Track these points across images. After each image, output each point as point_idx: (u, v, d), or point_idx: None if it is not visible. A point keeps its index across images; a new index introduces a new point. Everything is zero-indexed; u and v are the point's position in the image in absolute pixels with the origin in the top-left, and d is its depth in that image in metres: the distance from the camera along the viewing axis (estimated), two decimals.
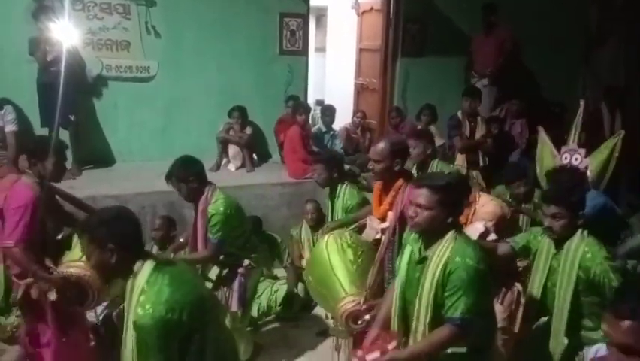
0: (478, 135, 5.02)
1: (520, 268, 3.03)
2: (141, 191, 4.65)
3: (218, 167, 5.46)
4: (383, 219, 2.92)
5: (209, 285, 3.31)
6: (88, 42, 5.26)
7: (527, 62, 6.74)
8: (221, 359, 2.04)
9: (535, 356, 2.71)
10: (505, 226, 3.09)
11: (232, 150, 5.62)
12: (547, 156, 4.23)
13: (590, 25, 7.29)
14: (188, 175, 3.18)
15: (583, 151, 3.99)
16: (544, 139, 4.34)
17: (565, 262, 2.56)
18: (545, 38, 6.81)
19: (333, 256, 2.88)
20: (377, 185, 3.04)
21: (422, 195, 2.16)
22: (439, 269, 2.12)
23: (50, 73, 4.74)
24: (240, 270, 3.31)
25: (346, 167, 5.80)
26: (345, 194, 3.62)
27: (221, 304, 3.20)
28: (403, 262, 2.33)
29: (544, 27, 6.75)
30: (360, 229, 3.21)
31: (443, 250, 2.14)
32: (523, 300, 2.91)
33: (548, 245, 2.67)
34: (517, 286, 2.97)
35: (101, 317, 3.66)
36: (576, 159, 3.98)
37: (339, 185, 3.67)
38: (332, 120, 6.13)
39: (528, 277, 2.83)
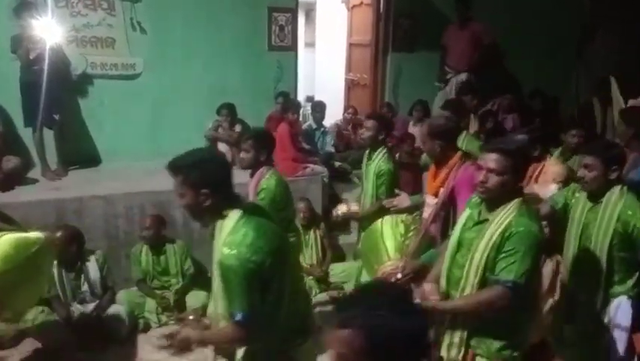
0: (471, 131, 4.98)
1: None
2: (129, 191, 4.55)
3: None
4: (436, 195, 3.03)
5: None
6: (72, 39, 5.14)
7: (521, 57, 6.69)
8: (296, 308, 2.11)
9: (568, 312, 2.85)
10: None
11: (221, 148, 5.52)
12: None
13: (584, 19, 7.28)
14: (265, 145, 3.40)
15: None
16: (615, 90, 4.64)
17: (603, 214, 2.64)
18: (540, 32, 6.79)
19: (385, 228, 3.08)
20: (432, 164, 3.19)
21: (494, 159, 2.15)
22: (497, 232, 2.12)
23: (33, 71, 4.62)
24: None
25: (337, 164, 5.78)
26: (381, 158, 3.69)
27: (299, 260, 3.30)
28: (459, 225, 2.34)
29: (539, 21, 6.74)
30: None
31: (506, 215, 2.13)
32: (562, 269, 2.99)
33: (584, 199, 2.75)
34: (558, 256, 3.05)
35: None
36: None
37: (380, 148, 3.71)
38: (323, 117, 6.06)
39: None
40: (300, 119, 6.10)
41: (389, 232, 3.06)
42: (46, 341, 3.60)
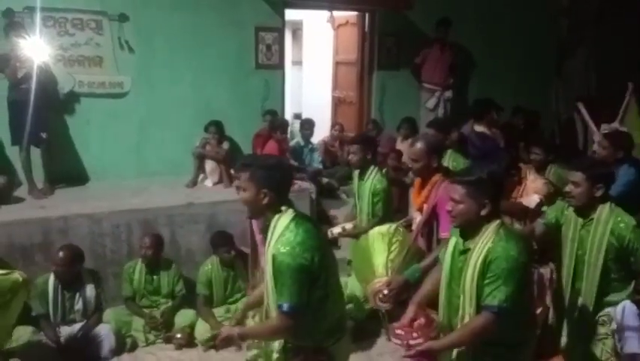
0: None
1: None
2: (115, 209, 4.54)
3: (194, 183, 5.37)
4: (420, 211, 3.12)
5: None
6: (59, 58, 5.16)
7: (500, 74, 6.86)
8: (336, 307, 2.28)
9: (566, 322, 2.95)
10: (553, 203, 3.33)
11: (209, 165, 5.54)
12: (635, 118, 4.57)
13: (561, 36, 7.47)
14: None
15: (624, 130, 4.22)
16: (633, 104, 4.62)
17: (595, 231, 2.73)
18: (518, 49, 6.97)
19: (376, 243, 3.16)
20: (417, 180, 3.25)
21: (455, 190, 2.26)
22: (480, 259, 2.16)
23: (21, 90, 4.63)
24: None
25: (325, 180, 5.82)
26: (375, 177, 3.74)
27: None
28: (448, 253, 2.38)
29: (518, 38, 6.92)
30: (408, 227, 3.41)
31: (485, 241, 2.18)
32: (555, 276, 3.12)
33: (575, 217, 2.85)
34: (551, 265, 3.18)
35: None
36: None
37: (370, 168, 3.76)
38: (311, 134, 6.12)
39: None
40: (288, 136, 6.16)
41: (379, 246, 3.12)
42: None
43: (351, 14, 6.66)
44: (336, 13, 7.03)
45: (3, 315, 3.14)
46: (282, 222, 2.14)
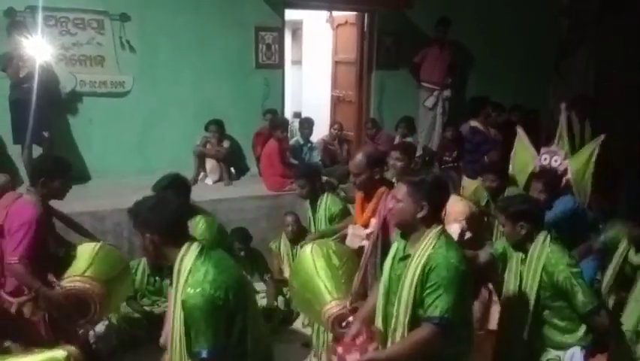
0: None
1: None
2: (117, 207, 4.58)
3: (195, 181, 5.42)
4: (366, 226, 2.97)
5: None
6: (61, 58, 5.21)
7: (501, 73, 6.90)
8: (258, 341, 2.11)
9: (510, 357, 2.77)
10: (476, 224, 3.17)
11: (209, 163, 5.59)
12: (522, 153, 4.36)
13: (561, 36, 7.51)
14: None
15: (562, 153, 4.06)
16: (521, 138, 4.45)
17: (529, 267, 2.62)
18: (518, 49, 7.01)
19: (318, 262, 2.91)
20: (359, 194, 3.09)
21: (399, 188, 2.24)
22: (419, 267, 2.10)
23: (23, 89, 4.68)
24: None
25: (324, 178, 5.86)
26: (328, 203, 3.69)
27: (254, 292, 3.19)
28: (388, 259, 2.32)
29: (518, 38, 6.96)
30: (342, 240, 3.23)
31: (425, 248, 2.12)
32: (495, 298, 3.01)
33: (516, 252, 2.74)
34: (489, 286, 3.09)
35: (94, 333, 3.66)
36: (555, 161, 4.07)
37: (321, 195, 3.73)
38: (310, 133, 6.16)
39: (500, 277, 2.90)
40: (288, 135, 6.20)
41: (323, 266, 2.89)
42: None
43: (350, 14, 6.69)
44: (336, 13, 7.07)
45: (126, 288, 3.38)
46: (187, 263, 1.98)
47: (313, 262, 2.92)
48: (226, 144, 5.59)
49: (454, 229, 2.94)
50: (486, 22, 6.80)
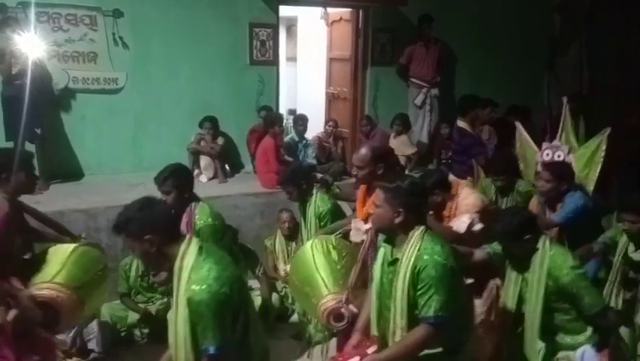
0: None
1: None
2: (111, 205, 4.55)
3: None
4: (366, 220, 2.95)
5: None
6: (54, 54, 5.17)
7: (493, 70, 6.91)
8: (259, 338, 2.13)
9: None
10: (489, 217, 3.14)
11: (204, 160, 5.58)
12: (528, 150, 4.38)
13: (554, 32, 7.53)
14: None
15: (566, 148, 4.01)
16: (522, 134, 4.48)
17: (533, 272, 2.59)
18: (511, 46, 7.02)
19: (318, 257, 2.94)
20: (362, 188, 3.11)
21: (378, 194, 2.27)
22: (409, 269, 2.13)
23: (15, 86, 4.65)
24: None
25: (319, 175, 5.85)
26: (317, 201, 3.66)
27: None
28: (377, 265, 2.34)
29: (510, 34, 6.97)
30: (346, 236, 3.24)
31: (412, 250, 2.15)
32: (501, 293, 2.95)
33: None
34: (496, 280, 3.04)
35: (70, 335, 3.63)
36: (559, 156, 4.00)
37: (310, 196, 3.71)
38: (305, 130, 6.15)
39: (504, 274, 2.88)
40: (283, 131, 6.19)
41: (322, 260, 2.92)
42: None
43: (344, 11, 6.67)
44: (330, 10, 7.04)
45: (102, 291, 3.19)
46: (189, 260, 1.97)
47: (313, 257, 2.95)
48: (220, 140, 5.57)
49: (463, 220, 3.00)
50: (479, 20, 6.81)
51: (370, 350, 2.17)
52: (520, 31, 7.02)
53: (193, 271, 1.94)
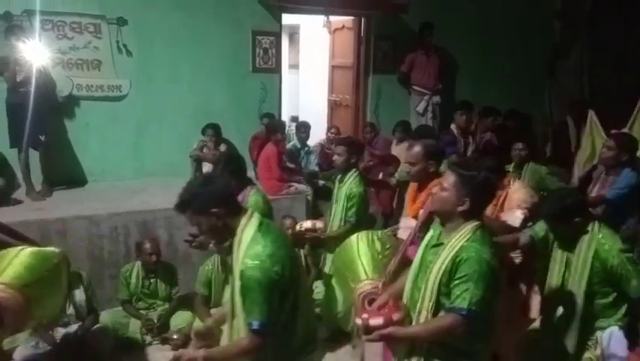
0: (469, 151, 5.23)
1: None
2: (114, 211, 4.58)
3: None
4: (416, 217, 3.01)
5: None
6: (58, 62, 5.20)
7: (494, 76, 6.93)
8: (308, 321, 2.17)
9: (550, 345, 2.81)
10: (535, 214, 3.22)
11: (206, 167, 5.58)
12: (598, 136, 4.61)
13: (555, 38, 7.54)
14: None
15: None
16: (595, 121, 4.70)
17: (579, 253, 2.65)
18: (512, 52, 7.04)
19: (362, 245, 3.10)
20: (412, 185, 3.20)
21: (447, 176, 2.20)
22: (449, 256, 2.10)
23: (20, 93, 4.68)
24: None
25: (321, 183, 5.87)
26: (353, 181, 3.75)
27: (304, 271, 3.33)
28: (422, 245, 2.33)
29: (511, 40, 7.00)
30: (394, 236, 3.33)
31: (460, 239, 2.11)
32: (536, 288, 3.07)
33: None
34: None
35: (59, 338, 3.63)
36: None
37: (351, 171, 3.78)
38: (307, 137, 6.16)
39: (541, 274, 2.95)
40: (285, 138, 6.21)
41: (365, 249, 3.05)
42: None
43: (347, 19, 6.72)
44: (333, 18, 7.08)
45: (57, 292, 3.08)
46: (248, 234, 2.02)
47: (357, 244, 3.12)
48: (223, 147, 5.58)
49: (518, 215, 3.07)
50: (479, 27, 6.84)
51: (395, 317, 2.14)
52: (521, 37, 7.04)
53: (250, 246, 1.98)
